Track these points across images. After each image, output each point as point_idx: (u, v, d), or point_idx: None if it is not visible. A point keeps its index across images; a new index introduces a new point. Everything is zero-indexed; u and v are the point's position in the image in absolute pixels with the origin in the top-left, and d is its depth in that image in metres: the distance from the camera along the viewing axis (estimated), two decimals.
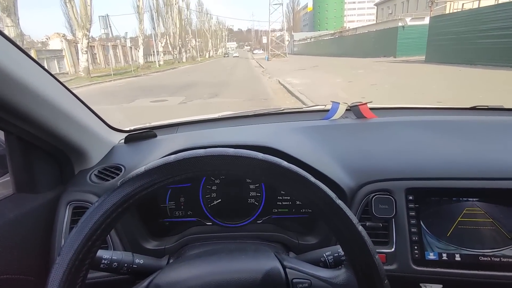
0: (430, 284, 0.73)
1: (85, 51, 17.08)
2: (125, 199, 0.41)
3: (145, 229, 0.84)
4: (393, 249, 0.72)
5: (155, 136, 1.02)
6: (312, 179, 0.42)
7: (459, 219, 0.72)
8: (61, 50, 22.43)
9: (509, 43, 10.03)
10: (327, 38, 37.21)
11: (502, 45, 10.33)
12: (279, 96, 8.22)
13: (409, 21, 19.33)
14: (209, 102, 7.74)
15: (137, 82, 15.83)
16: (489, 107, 1.14)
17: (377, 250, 0.69)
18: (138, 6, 25.86)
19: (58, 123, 0.72)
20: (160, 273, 0.55)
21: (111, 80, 17.07)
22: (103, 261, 0.56)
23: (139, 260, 0.60)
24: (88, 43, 17.07)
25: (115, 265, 0.57)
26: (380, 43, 21.78)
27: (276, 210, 0.89)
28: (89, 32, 16.75)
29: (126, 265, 0.58)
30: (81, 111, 0.83)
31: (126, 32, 24.20)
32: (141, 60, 26.62)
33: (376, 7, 42.65)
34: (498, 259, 0.70)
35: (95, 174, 0.84)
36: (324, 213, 0.42)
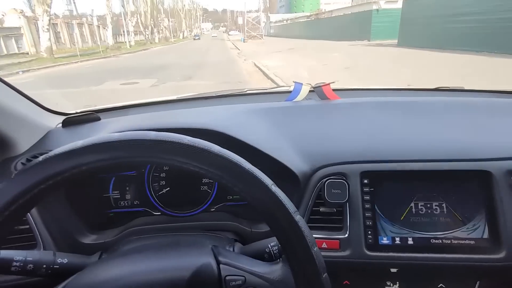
0: (394, 269, 0.72)
1: (47, 29, 15.86)
2: (20, 195, 0.34)
3: (83, 222, 0.76)
4: (346, 235, 0.71)
5: (98, 119, 0.93)
6: (247, 165, 0.38)
7: (413, 202, 0.72)
8: (19, 28, 20.79)
9: (476, 28, 10.41)
10: (303, 20, 36.92)
11: (470, 30, 10.70)
12: (255, 78, 8.14)
13: (383, 4, 19.50)
14: (182, 85, 7.55)
15: (106, 63, 15.16)
16: (450, 88, 1.15)
17: (331, 237, 0.70)
18: None
19: None
20: (76, 276, 0.49)
21: (77, 62, 16.26)
22: (14, 263, 0.50)
23: (62, 259, 0.55)
24: (49, 20, 15.84)
25: (30, 267, 0.51)
26: (355, 26, 21.83)
27: (231, 197, 0.85)
28: (50, 8, 15.51)
29: (45, 266, 0.52)
30: (1, 92, 0.74)
31: (93, 10, 22.65)
32: (110, 40, 25.22)
33: None
34: (449, 241, 0.70)
35: (22, 163, 0.75)
36: (258, 201, 0.38)
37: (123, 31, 30.32)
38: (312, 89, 1.04)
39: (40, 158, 0.35)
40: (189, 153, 0.37)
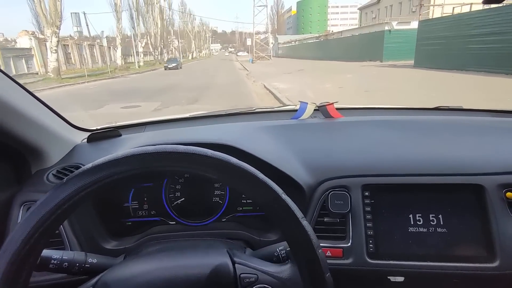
0: (394, 277, 0.74)
1: (55, 50, 15.82)
2: (62, 201, 0.40)
3: (105, 229, 0.82)
4: (349, 244, 0.74)
5: (120, 135, 1.00)
6: (261, 175, 0.44)
7: (411, 213, 0.74)
8: (29, 49, 20.97)
9: (504, 48, 9.66)
10: (311, 41, 36.96)
11: (496, 50, 9.95)
12: (266, 102, 7.54)
13: (395, 25, 19.09)
14: (187, 109, 7.03)
15: (112, 84, 15.06)
16: (450, 107, 1.20)
17: (334, 245, 0.75)
18: (115, 4, 24.56)
19: (9, 120, 0.70)
20: (108, 271, 0.55)
21: (84, 82, 16.28)
22: (52, 261, 0.55)
23: (92, 259, 0.59)
24: (58, 41, 15.82)
25: (65, 265, 0.56)
26: (366, 47, 21.44)
27: (241, 208, 0.90)
28: (59, 29, 15.51)
29: (77, 264, 0.57)
30: (36, 109, 0.80)
31: (102, 31, 22.82)
32: (119, 61, 25.27)
33: (360, 11, 42.94)
34: (446, 251, 0.72)
35: (53, 174, 0.82)
36: (270, 207, 0.44)
37: (133, 52, 30.61)
38: (317, 108, 1.10)
39: (90, 165, 0.42)
40: (211, 164, 0.43)
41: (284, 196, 0.43)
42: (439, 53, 12.63)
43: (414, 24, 18.79)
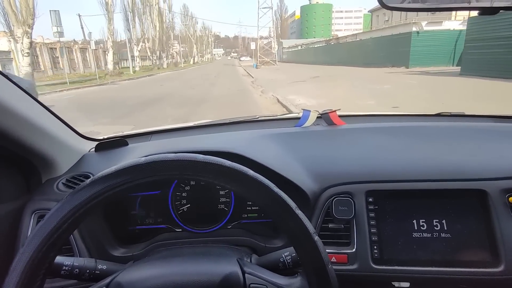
0: (399, 282, 0.74)
1: (27, 53, 13.40)
2: (74, 210, 0.42)
3: (113, 236, 0.83)
4: (354, 250, 0.75)
5: (127, 144, 1.01)
6: (276, 189, 0.45)
7: (415, 218, 0.74)
8: (9, 52, 18.72)
9: None
10: (320, 45, 34.54)
11: None
12: None
13: (424, 26, 16.57)
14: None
15: (93, 93, 12.98)
16: (452, 113, 1.18)
17: (339, 251, 0.76)
18: (107, 3, 22.26)
19: (21, 131, 0.71)
20: (122, 272, 0.56)
21: (63, 90, 13.97)
22: (63, 267, 0.56)
23: (102, 266, 0.60)
24: (30, 42, 13.42)
25: (76, 271, 0.57)
26: (387, 51, 18.92)
27: (246, 215, 0.90)
28: (32, 29, 13.12)
29: (88, 271, 0.58)
30: (46, 119, 0.82)
31: (90, 32, 20.38)
32: (110, 66, 22.86)
33: (370, 13, 40.65)
34: (450, 256, 0.73)
35: (63, 183, 0.83)
36: (282, 220, 0.45)
37: (131, 56, 28.35)
38: (320, 115, 1.10)
39: (105, 171, 0.43)
40: (228, 175, 0.44)
41: (298, 211, 0.44)
42: (501, 59, 10.03)
43: (447, 24, 16.37)
